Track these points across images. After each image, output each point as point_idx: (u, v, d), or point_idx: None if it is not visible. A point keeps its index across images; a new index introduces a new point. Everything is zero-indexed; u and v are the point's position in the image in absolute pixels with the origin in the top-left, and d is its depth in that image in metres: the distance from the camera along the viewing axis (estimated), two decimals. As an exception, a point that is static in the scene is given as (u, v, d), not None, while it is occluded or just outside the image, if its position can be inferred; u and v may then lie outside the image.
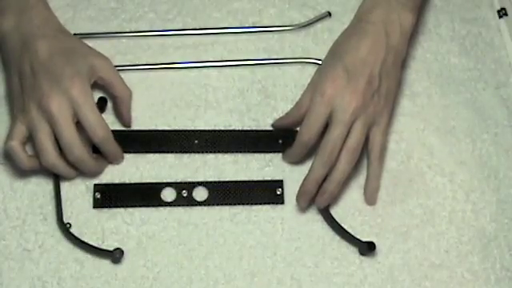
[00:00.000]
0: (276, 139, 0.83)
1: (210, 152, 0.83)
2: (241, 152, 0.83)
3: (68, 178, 0.81)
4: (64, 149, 0.77)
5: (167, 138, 0.83)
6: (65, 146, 0.77)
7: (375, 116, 0.78)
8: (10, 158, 0.80)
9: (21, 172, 0.82)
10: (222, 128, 0.84)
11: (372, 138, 0.79)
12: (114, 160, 0.82)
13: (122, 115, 0.84)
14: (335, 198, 0.80)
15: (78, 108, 0.77)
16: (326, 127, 0.78)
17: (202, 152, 0.83)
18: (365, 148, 0.79)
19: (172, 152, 0.83)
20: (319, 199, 0.78)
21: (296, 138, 0.80)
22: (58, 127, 0.76)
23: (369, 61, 0.78)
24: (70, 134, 0.77)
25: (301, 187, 0.78)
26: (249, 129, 0.84)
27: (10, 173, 0.82)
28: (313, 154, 0.80)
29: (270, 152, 0.83)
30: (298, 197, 0.79)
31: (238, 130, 0.84)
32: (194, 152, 0.83)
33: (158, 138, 0.83)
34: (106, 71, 0.82)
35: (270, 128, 0.84)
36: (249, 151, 0.83)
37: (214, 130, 0.84)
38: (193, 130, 0.84)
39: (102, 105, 0.84)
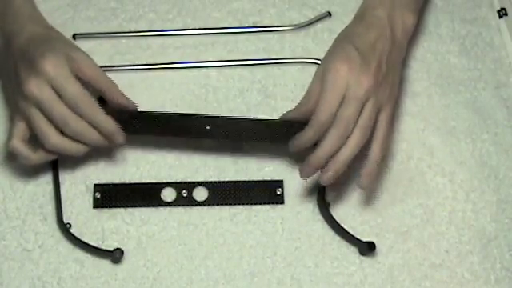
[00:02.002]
0: (292, 129, 0.79)
1: (224, 138, 0.80)
2: (256, 141, 0.80)
3: (80, 154, 0.78)
4: (59, 126, 0.75)
5: (181, 122, 0.80)
6: (58, 122, 0.75)
7: (382, 102, 0.77)
8: (13, 159, 0.80)
9: (21, 172, 0.82)
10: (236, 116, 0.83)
11: (379, 123, 0.77)
12: (112, 138, 0.78)
13: (120, 104, 0.80)
14: (338, 178, 0.77)
15: (54, 83, 0.74)
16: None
17: (215, 138, 0.80)
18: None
19: (184, 136, 0.80)
20: (324, 176, 0.76)
21: (311, 120, 0.75)
22: (45, 109, 0.74)
23: (377, 47, 0.77)
24: (58, 110, 0.75)
25: (309, 159, 0.76)
26: (267, 118, 0.81)
27: (10, 173, 0.82)
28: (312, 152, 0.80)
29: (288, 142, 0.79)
30: (303, 168, 0.76)
31: (255, 119, 0.81)
32: (206, 137, 0.80)
33: (173, 122, 0.80)
34: (86, 64, 0.78)
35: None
36: (265, 140, 0.80)
37: (230, 117, 0.80)
38: (206, 116, 0.80)
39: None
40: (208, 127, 0.79)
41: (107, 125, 0.77)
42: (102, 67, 0.87)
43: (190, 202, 0.81)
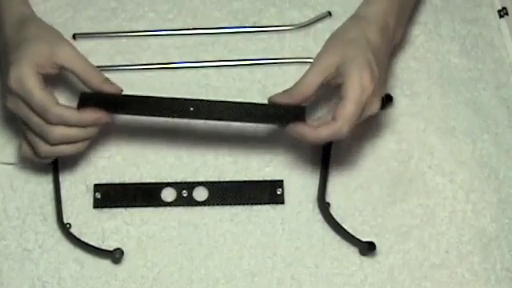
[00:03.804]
0: (284, 114, 0.75)
1: (206, 119, 0.76)
2: (243, 122, 0.76)
3: (79, 152, 0.77)
4: (41, 137, 0.74)
5: (166, 105, 0.76)
6: (38, 133, 0.74)
7: None
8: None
9: (21, 172, 0.82)
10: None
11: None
12: (97, 125, 0.76)
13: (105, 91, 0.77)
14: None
15: (22, 98, 0.73)
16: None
17: (199, 118, 0.76)
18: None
19: (168, 116, 0.76)
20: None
21: (330, 126, 0.72)
22: (25, 122, 0.74)
23: (386, 64, 0.78)
24: (35, 122, 0.73)
25: (305, 131, 0.74)
26: (255, 102, 0.77)
27: (10, 173, 0.82)
28: (312, 152, 0.80)
29: (276, 123, 0.77)
30: (292, 129, 0.74)
31: (240, 103, 0.76)
32: (190, 118, 0.76)
33: (158, 104, 0.77)
34: (65, 57, 0.76)
35: (278, 103, 0.77)
36: (253, 122, 0.76)
37: (214, 100, 0.76)
38: (190, 99, 0.76)
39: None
40: (192, 109, 0.76)
41: (86, 119, 0.75)
42: (101, 67, 0.87)
43: (190, 202, 0.81)
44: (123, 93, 0.78)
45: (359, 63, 0.73)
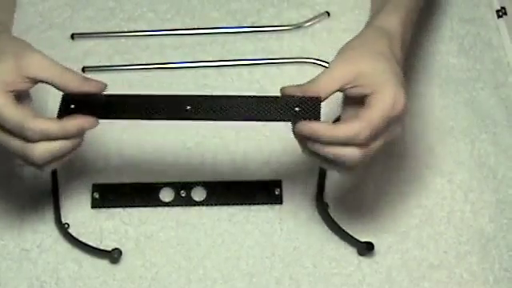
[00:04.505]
0: (291, 106, 0.67)
1: (205, 119, 0.68)
2: (248, 120, 0.68)
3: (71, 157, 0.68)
4: (26, 160, 0.66)
5: (156, 104, 0.69)
6: (24, 157, 0.66)
7: None
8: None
9: (19, 172, 0.82)
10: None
11: None
12: (83, 131, 0.67)
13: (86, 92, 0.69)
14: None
15: None
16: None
17: (196, 119, 0.68)
18: None
19: (160, 118, 0.69)
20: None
21: (349, 129, 0.64)
22: (6, 147, 0.66)
23: None
24: (13, 147, 0.66)
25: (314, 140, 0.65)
26: (259, 94, 0.69)
27: (8, 173, 0.82)
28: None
29: (284, 120, 0.67)
30: (303, 128, 0.65)
31: (244, 96, 0.69)
32: (186, 119, 0.68)
33: (146, 104, 0.69)
34: (35, 67, 0.66)
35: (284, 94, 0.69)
36: (259, 119, 0.68)
37: (214, 96, 0.69)
38: (185, 96, 0.69)
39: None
40: (188, 107, 0.68)
41: (69, 128, 0.65)
42: (100, 67, 0.87)
43: (189, 202, 0.81)
44: (113, 92, 0.70)
45: (395, 78, 0.66)
